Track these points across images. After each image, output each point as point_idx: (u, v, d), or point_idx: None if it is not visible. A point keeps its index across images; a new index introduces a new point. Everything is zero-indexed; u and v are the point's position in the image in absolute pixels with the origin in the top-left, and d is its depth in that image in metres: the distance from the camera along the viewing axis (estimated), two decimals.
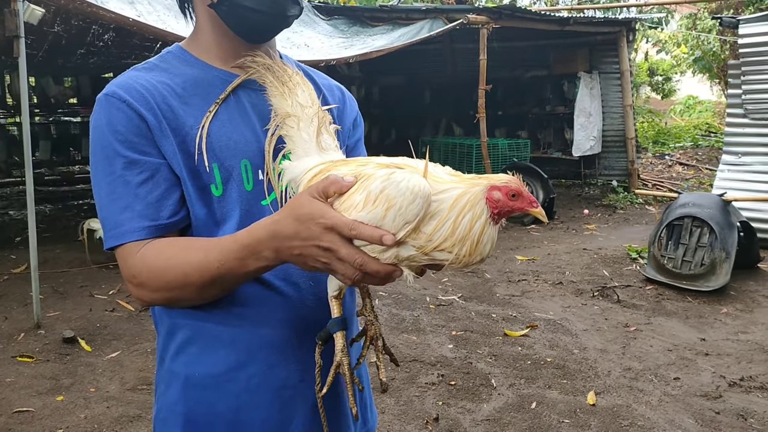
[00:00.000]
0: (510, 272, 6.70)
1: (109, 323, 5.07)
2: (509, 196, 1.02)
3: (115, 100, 1.17)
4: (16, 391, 3.96)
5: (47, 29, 6.72)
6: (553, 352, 4.62)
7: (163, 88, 1.21)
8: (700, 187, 11.54)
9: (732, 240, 6.01)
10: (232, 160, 1.21)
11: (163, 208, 1.17)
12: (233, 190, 1.21)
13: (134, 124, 1.16)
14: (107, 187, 1.17)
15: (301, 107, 1.21)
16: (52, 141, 10.56)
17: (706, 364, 4.50)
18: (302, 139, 1.20)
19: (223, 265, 1.10)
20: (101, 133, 1.17)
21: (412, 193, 0.98)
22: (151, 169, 1.16)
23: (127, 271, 1.17)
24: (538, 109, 12.01)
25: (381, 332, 1.21)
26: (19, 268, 6.42)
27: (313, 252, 1.02)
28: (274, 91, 1.23)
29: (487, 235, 1.02)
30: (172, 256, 1.14)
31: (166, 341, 1.27)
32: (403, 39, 8.40)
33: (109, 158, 1.16)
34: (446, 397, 3.95)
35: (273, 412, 1.23)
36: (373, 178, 1.02)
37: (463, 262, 1.02)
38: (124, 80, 1.21)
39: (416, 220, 0.99)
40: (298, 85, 1.24)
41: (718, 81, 18.05)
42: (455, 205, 1.01)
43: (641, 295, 5.98)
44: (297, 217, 1.02)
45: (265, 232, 1.06)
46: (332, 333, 1.15)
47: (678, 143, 15.87)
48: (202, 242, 1.16)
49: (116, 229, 1.16)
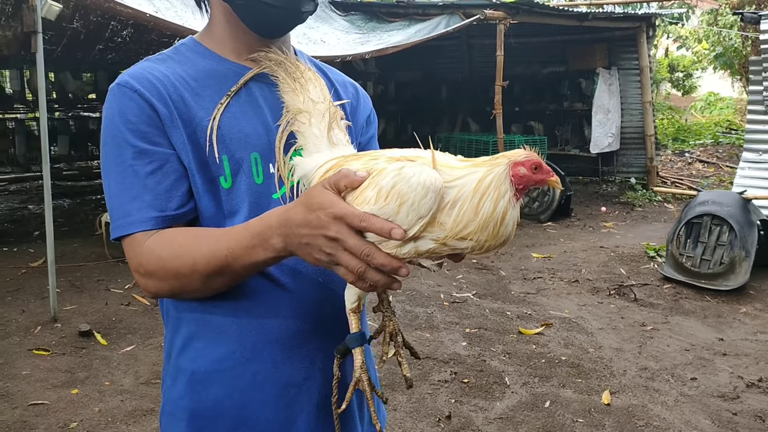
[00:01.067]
0: (525, 270, 6.65)
1: (125, 317, 5.10)
2: (533, 169, 1.02)
3: (127, 89, 1.17)
4: (32, 384, 3.99)
5: (66, 25, 6.78)
6: (568, 351, 4.58)
7: (176, 79, 1.21)
8: (720, 184, 11.38)
9: (752, 239, 5.92)
10: (242, 152, 1.21)
11: (171, 199, 1.16)
12: (242, 182, 1.20)
13: (145, 114, 1.16)
14: (116, 176, 1.16)
15: (312, 103, 1.20)
16: (71, 136, 10.64)
17: (723, 364, 4.43)
18: (313, 135, 1.19)
19: (231, 253, 1.09)
20: (112, 122, 1.17)
21: (424, 187, 0.97)
22: (160, 160, 1.16)
23: (135, 261, 1.16)
24: (556, 105, 11.89)
25: (399, 328, 1.20)
26: (37, 261, 6.49)
27: (320, 242, 1.01)
28: (285, 87, 1.22)
29: (510, 215, 1.00)
30: (182, 244, 1.14)
31: (173, 336, 1.27)
32: (420, 35, 8.36)
33: (120, 148, 1.16)
34: (459, 394, 3.92)
35: (278, 409, 1.22)
36: (383, 174, 1.01)
37: (485, 247, 1.00)
38: (137, 70, 1.20)
39: (429, 214, 0.98)
40: (309, 81, 1.23)
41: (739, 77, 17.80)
42: (479, 188, 0.99)
43: (659, 294, 5.91)
44: (308, 206, 1.01)
45: (277, 219, 1.05)
46: (351, 348, 1.13)
47: (698, 140, 15.66)
48: (214, 231, 1.16)
49: (124, 219, 1.15)
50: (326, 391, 1.25)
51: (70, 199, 10.12)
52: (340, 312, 1.25)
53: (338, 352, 1.15)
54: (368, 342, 1.19)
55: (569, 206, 9.35)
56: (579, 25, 10.03)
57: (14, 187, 11.17)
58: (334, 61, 7.19)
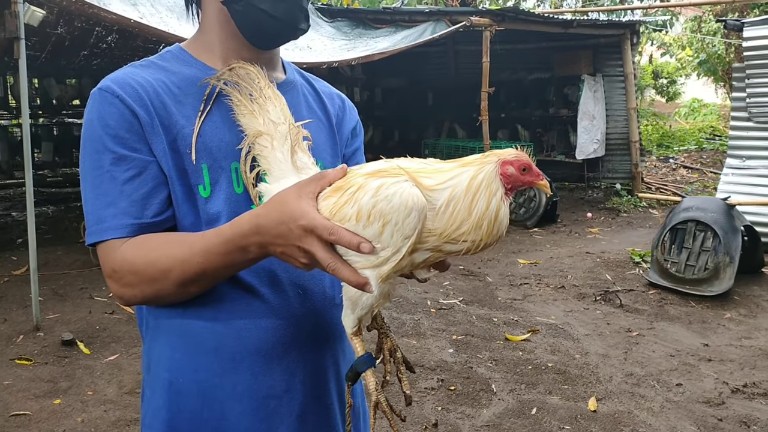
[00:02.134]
0: (512, 276, 6.67)
1: (109, 326, 5.05)
2: (521, 170, 1.01)
3: (108, 94, 1.16)
4: (14, 394, 3.94)
5: (50, 31, 6.72)
6: (555, 357, 4.59)
7: (159, 85, 1.20)
8: (704, 190, 11.47)
9: (736, 244, 5.96)
10: (222, 161, 1.20)
11: (148, 207, 1.15)
12: (222, 192, 1.20)
13: (126, 119, 1.15)
14: (93, 181, 1.15)
15: (273, 124, 1.17)
16: (55, 142, 10.54)
17: (708, 370, 4.46)
18: (277, 159, 1.16)
19: (206, 260, 1.09)
20: (92, 127, 1.16)
21: (407, 207, 0.95)
22: (139, 167, 1.15)
23: (108, 267, 1.15)
24: (542, 111, 11.96)
25: (397, 344, 1.19)
26: (20, 269, 6.41)
27: (295, 252, 1.02)
28: (243, 109, 1.18)
29: (503, 211, 1.00)
30: (155, 249, 1.12)
31: (151, 345, 1.26)
32: (406, 41, 8.38)
33: (98, 153, 1.15)
34: (446, 402, 3.92)
35: (257, 420, 1.21)
36: (363, 191, 0.99)
37: (481, 246, 1.00)
38: (120, 75, 1.19)
39: (415, 233, 0.97)
40: (269, 100, 1.19)
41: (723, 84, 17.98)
42: (470, 187, 0.98)
43: (644, 300, 5.94)
44: (280, 214, 1.01)
45: (249, 225, 1.05)
46: (361, 372, 1.11)
47: (682, 146, 15.79)
48: (186, 236, 1.15)
49: (98, 225, 1.14)
50: (307, 404, 1.25)
51: (54, 206, 10.02)
52: (320, 322, 1.24)
53: (348, 378, 1.13)
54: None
55: (555, 212, 9.38)
56: (564, 32, 10.10)
57: None
58: (320, 67, 7.18)
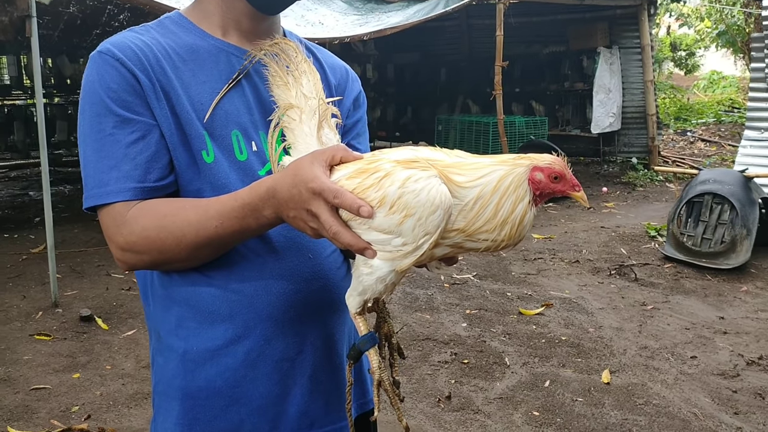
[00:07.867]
0: (526, 251, 6.64)
1: (125, 302, 5.11)
2: (551, 178, 0.99)
3: (108, 57, 1.14)
4: (33, 369, 4.01)
5: (62, 9, 6.74)
6: (568, 331, 4.58)
7: (158, 50, 1.19)
8: (722, 163, 11.33)
9: (753, 217, 5.89)
10: (223, 129, 1.20)
11: (151, 171, 1.14)
12: (224, 158, 1.19)
13: (128, 82, 1.14)
14: (94, 144, 1.14)
15: (305, 98, 1.17)
16: (70, 122, 10.60)
17: (724, 342, 4.43)
18: (303, 133, 1.16)
19: (221, 224, 1.09)
20: (93, 90, 1.14)
21: (433, 204, 0.95)
22: (142, 130, 1.14)
23: (113, 231, 1.14)
24: (557, 85, 11.79)
25: (394, 329, 1.19)
26: (38, 247, 6.49)
27: (305, 216, 1.03)
28: (278, 80, 1.18)
29: (527, 217, 0.99)
30: (168, 215, 1.12)
31: (164, 314, 1.25)
32: (419, 15, 8.29)
33: (100, 116, 1.13)
34: (459, 375, 3.93)
35: (271, 384, 1.23)
36: (390, 179, 0.98)
37: (500, 246, 1.00)
38: (119, 39, 1.18)
39: (438, 231, 0.96)
40: (304, 74, 1.19)
41: (742, 55, 17.66)
42: (498, 187, 0.97)
43: (659, 274, 5.90)
44: (293, 178, 1.02)
45: (266, 189, 1.05)
46: (363, 351, 1.11)
47: (700, 119, 15.58)
48: (200, 201, 1.14)
49: (101, 188, 1.13)
50: (318, 364, 1.26)
51: (70, 185, 10.11)
52: (329, 286, 1.25)
53: (350, 357, 1.14)
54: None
55: None
56: (580, 4, 9.95)
57: (15, 173, 11.16)
58: (332, 42, 7.14)
